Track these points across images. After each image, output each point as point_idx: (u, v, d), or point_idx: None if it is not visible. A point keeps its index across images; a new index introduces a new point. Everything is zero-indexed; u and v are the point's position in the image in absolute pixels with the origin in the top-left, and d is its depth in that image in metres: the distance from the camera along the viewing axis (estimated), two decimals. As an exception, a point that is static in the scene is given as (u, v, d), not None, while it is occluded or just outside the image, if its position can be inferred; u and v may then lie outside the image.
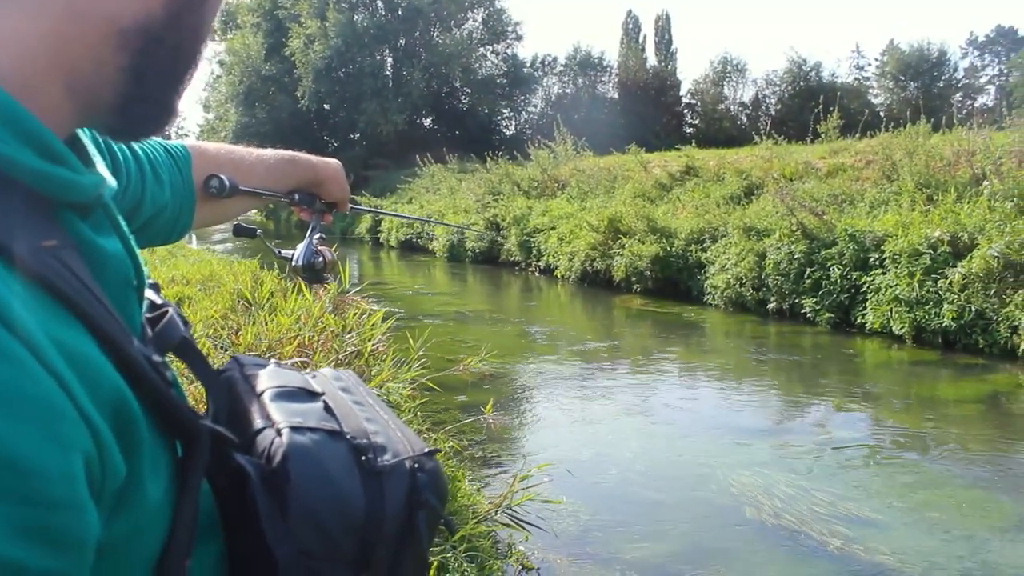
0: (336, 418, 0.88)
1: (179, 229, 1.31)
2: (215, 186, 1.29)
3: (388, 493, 0.83)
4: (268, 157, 1.45)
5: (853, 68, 46.29)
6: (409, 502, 0.84)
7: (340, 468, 0.82)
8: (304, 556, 0.79)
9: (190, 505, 0.74)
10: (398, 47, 43.78)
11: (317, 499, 0.80)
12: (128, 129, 0.80)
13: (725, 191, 15.65)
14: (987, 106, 41.51)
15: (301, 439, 0.83)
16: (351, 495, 0.81)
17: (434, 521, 0.86)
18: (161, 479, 0.72)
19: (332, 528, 0.80)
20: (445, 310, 14.08)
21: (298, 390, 0.93)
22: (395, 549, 0.83)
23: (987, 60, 53.39)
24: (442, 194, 26.61)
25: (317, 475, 0.81)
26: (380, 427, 0.90)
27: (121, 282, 0.76)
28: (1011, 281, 9.13)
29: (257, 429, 0.85)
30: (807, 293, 11.31)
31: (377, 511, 0.82)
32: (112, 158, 1.10)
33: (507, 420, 7.09)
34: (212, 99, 50.81)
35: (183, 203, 1.28)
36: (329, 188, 1.54)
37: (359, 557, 0.81)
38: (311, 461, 0.81)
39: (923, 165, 12.42)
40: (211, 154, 1.37)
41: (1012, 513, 5.15)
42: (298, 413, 0.87)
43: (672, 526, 5.03)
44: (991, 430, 6.93)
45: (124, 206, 1.12)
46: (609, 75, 48.48)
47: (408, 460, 0.86)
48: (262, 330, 4.60)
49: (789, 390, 8.54)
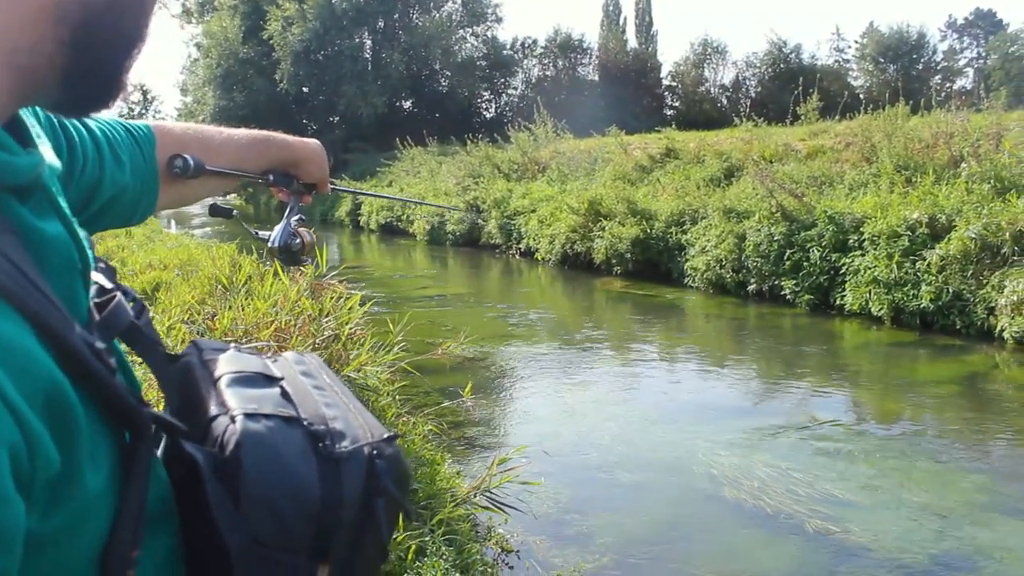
0: (293, 404, 0.86)
1: (141, 211, 1.27)
2: (179, 166, 1.25)
3: (345, 480, 0.81)
4: (239, 136, 1.41)
5: (833, 50, 46.34)
6: (367, 489, 0.82)
7: (295, 455, 0.81)
8: (258, 544, 0.78)
9: (135, 495, 0.73)
10: (377, 29, 43.51)
11: (271, 486, 0.78)
12: (74, 105, 0.78)
13: (705, 173, 15.66)
14: (965, 89, 41.79)
15: (255, 426, 0.81)
16: (306, 482, 0.80)
17: (393, 508, 0.85)
18: (102, 468, 0.70)
19: (287, 516, 0.78)
20: (425, 293, 14.05)
21: (256, 375, 0.91)
22: (354, 537, 0.82)
23: (966, 43, 53.63)
24: (422, 177, 26.52)
25: (271, 462, 0.79)
26: (339, 412, 0.88)
27: (64, 266, 0.74)
28: (988, 263, 9.18)
29: (212, 416, 0.83)
30: (787, 275, 11.35)
31: (334, 498, 0.80)
32: (68, 139, 1.07)
33: (487, 403, 7.08)
34: (189, 82, 50.39)
35: (145, 184, 1.24)
36: (307, 168, 1.50)
37: (316, 545, 0.80)
38: (265, 448, 0.80)
39: (902, 147, 12.46)
40: (176, 134, 1.32)
41: (987, 492, 5.19)
42: (254, 399, 0.85)
43: (651, 507, 5.04)
44: (968, 411, 6.98)
45: (81, 187, 1.09)
46: (589, 57, 48.36)
47: (366, 446, 0.84)
48: (238, 315, 4.56)
49: (768, 372, 8.57)
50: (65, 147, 1.05)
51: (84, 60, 0.71)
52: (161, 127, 1.31)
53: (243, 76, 43.82)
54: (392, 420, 4.59)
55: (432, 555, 3.42)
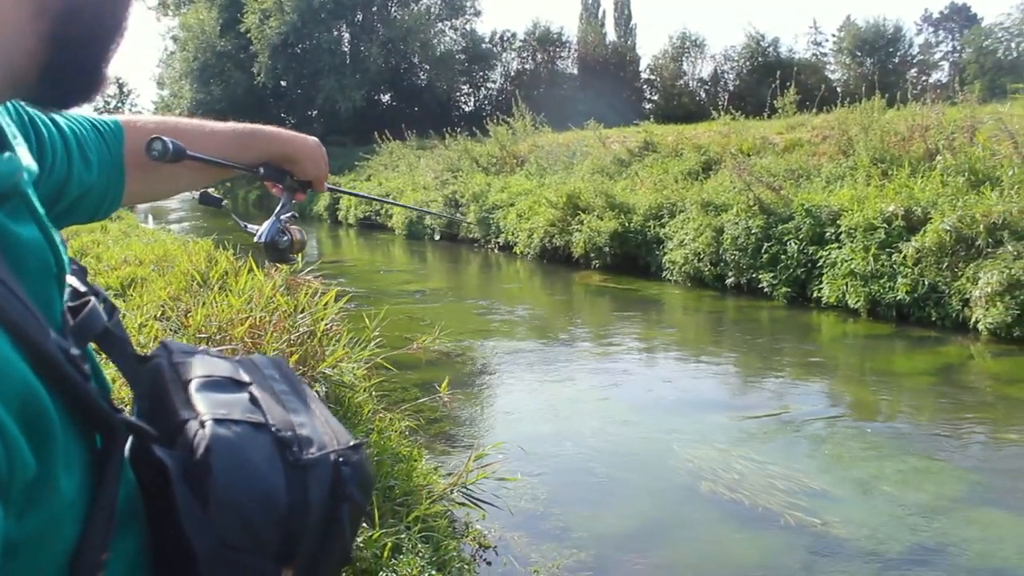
0: (261, 410, 0.87)
1: (105, 208, 1.25)
2: (157, 149, 1.19)
3: (312, 486, 0.83)
4: (222, 129, 1.37)
5: (810, 44, 46.54)
6: (333, 495, 0.84)
7: (263, 461, 0.82)
8: (226, 548, 0.79)
9: (107, 499, 0.73)
10: (355, 22, 43.29)
11: (239, 491, 0.79)
12: (55, 98, 0.78)
13: (683, 166, 15.69)
14: (941, 82, 41.97)
15: (224, 431, 0.82)
16: (274, 488, 0.81)
17: (357, 514, 0.86)
18: (75, 473, 0.71)
19: (254, 521, 0.80)
20: (404, 288, 14.01)
21: (225, 380, 0.92)
22: (319, 541, 0.84)
23: (941, 36, 53.94)
24: (400, 171, 26.42)
25: (240, 468, 0.81)
26: (307, 419, 0.90)
27: (40, 271, 0.75)
28: (963, 255, 9.25)
29: (182, 420, 0.84)
30: (764, 268, 11.39)
31: (300, 504, 0.82)
32: (37, 135, 1.05)
33: (465, 398, 7.06)
34: (166, 76, 49.97)
35: (110, 181, 1.22)
36: (305, 166, 1.47)
37: (283, 550, 0.81)
38: (234, 454, 0.81)
39: (878, 140, 12.53)
40: (148, 128, 1.28)
41: (963, 483, 5.22)
42: (223, 404, 0.86)
43: (629, 501, 5.04)
44: (943, 402, 7.02)
45: (48, 187, 1.08)
46: (568, 51, 48.31)
47: (332, 453, 0.86)
48: (212, 311, 4.51)
49: (746, 365, 8.60)
50: (35, 144, 1.04)
51: (65, 54, 0.71)
52: (130, 121, 1.29)
53: (220, 69, 43.51)
54: (368, 416, 4.56)
55: (408, 552, 3.40)
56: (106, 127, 1.24)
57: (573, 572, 4.09)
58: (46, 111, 1.08)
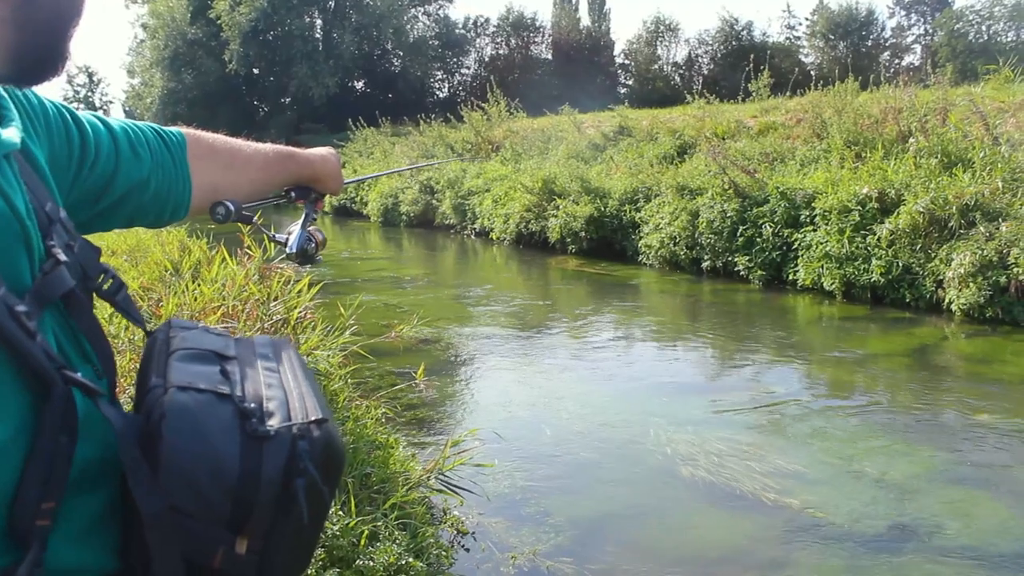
0: (230, 382, 0.92)
1: (170, 211, 1.32)
2: (221, 213, 1.34)
3: (267, 458, 0.86)
4: (266, 150, 1.47)
5: (784, 28, 46.86)
6: (287, 469, 0.86)
7: (219, 430, 0.85)
8: (176, 513, 0.82)
9: (41, 448, 0.78)
10: (327, 8, 42.98)
11: (189, 457, 0.83)
12: (23, 76, 0.85)
13: (658, 151, 15.70)
14: (913, 65, 42.32)
15: (183, 398, 0.86)
16: (225, 456, 0.84)
17: (315, 491, 0.88)
18: (10, 421, 0.77)
19: (204, 487, 0.83)
20: (379, 275, 13.95)
21: (207, 352, 0.96)
22: (273, 514, 0.86)
23: (913, 20, 54.07)
24: (375, 158, 26.31)
25: (193, 435, 0.84)
26: (279, 394, 0.93)
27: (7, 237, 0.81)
28: (936, 236, 9.31)
29: (150, 387, 0.89)
30: (740, 251, 11.42)
31: (252, 474, 0.85)
32: (80, 132, 1.12)
33: (442, 385, 7.03)
34: (136, 64, 49.42)
35: (173, 186, 1.29)
36: (326, 184, 1.58)
37: (234, 518, 0.85)
38: (188, 421, 0.85)
39: (851, 123, 12.59)
40: (208, 140, 1.39)
41: (938, 463, 5.26)
42: (192, 374, 0.90)
43: (607, 486, 5.03)
44: (918, 383, 7.07)
45: (93, 179, 1.14)
46: (542, 36, 48.28)
47: (294, 427, 0.88)
48: (183, 300, 4.46)
49: (723, 348, 8.62)
50: (77, 139, 1.10)
51: (27, 34, 0.79)
52: (193, 133, 1.38)
53: (191, 57, 43.06)
54: (344, 404, 4.53)
55: (385, 539, 3.38)
56: (170, 136, 1.31)
57: (551, 557, 4.08)
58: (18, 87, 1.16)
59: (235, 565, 0.85)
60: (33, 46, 0.80)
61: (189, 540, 0.83)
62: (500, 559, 4.07)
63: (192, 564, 0.84)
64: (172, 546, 0.82)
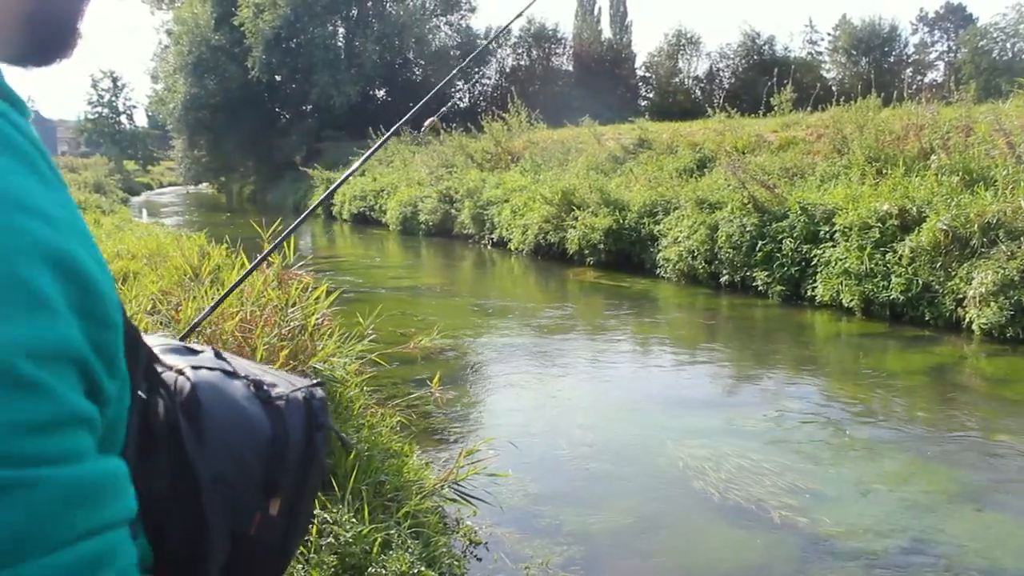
0: (227, 361, 0.99)
1: None
2: None
3: (289, 420, 0.93)
4: None
5: (806, 42, 46.65)
6: (308, 426, 0.94)
7: (243, 398, 0.92)
8: (218, 483, 0.86)
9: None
10: (350, 17, 43.11)
11: (227, 424, 0.89)
12: (35, 54, 0.81)
13: (678, 164, 15.67)
14: (936, 82, 42.01)
15: (206, 374, 0.92)
16: (257, 419, 0.91)
17: (328, 440, 1.01)
18: None
19: (243, 452, 0.88)
20: (398, 283, 13.98)
21: (183, 347, 1.02)
22: (302, 471, 0.93)
23: (936, 36, 53.87)
24: (395, 167, 26.35)
25: (224, 403, 0.90)
26: (264, 371, 1.00)
27: None
28: (957, 254, 9.24)
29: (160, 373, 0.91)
30: (759, 266, 11.37)
31: (282, 436, 0.92)
32: None
33: (457, 394, 7.03)
34: (160, 70, 49.64)
35: None
36: None
37: (268, 480, 0.90)
38: (217, 392, 0.91)
39: (873, 139, 12.52)
40: None
41: (956, 483, 5.22)
42: (194, 359, 0.97)
43: (620, 499, 5.02)
44: (936, 402, 7.02)
45: None
46: (564, 47, 48.29)
47: (300, 391, 0.97)
48: (202, 305, 4.48)
49: (739, 363, 8.59)
50: None
51: (40, 10, 0.74)
52: None
53: (215, 63, 43.23)
54: (359, 411, 4.54)
55: (398, 548, 3.38)
56: None
57: (563, 569, 4.07)
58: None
59: (268, 530, 0.90)
60: (47, 23, 0.75)
61: (233, 509, 0.87)
62: (512, 570, 4.06)
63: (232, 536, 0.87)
64: (221, 516, 0.86)
